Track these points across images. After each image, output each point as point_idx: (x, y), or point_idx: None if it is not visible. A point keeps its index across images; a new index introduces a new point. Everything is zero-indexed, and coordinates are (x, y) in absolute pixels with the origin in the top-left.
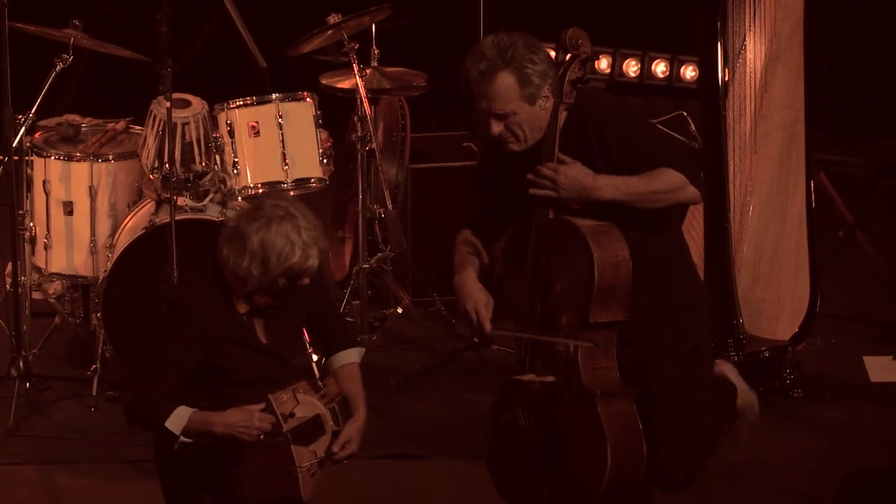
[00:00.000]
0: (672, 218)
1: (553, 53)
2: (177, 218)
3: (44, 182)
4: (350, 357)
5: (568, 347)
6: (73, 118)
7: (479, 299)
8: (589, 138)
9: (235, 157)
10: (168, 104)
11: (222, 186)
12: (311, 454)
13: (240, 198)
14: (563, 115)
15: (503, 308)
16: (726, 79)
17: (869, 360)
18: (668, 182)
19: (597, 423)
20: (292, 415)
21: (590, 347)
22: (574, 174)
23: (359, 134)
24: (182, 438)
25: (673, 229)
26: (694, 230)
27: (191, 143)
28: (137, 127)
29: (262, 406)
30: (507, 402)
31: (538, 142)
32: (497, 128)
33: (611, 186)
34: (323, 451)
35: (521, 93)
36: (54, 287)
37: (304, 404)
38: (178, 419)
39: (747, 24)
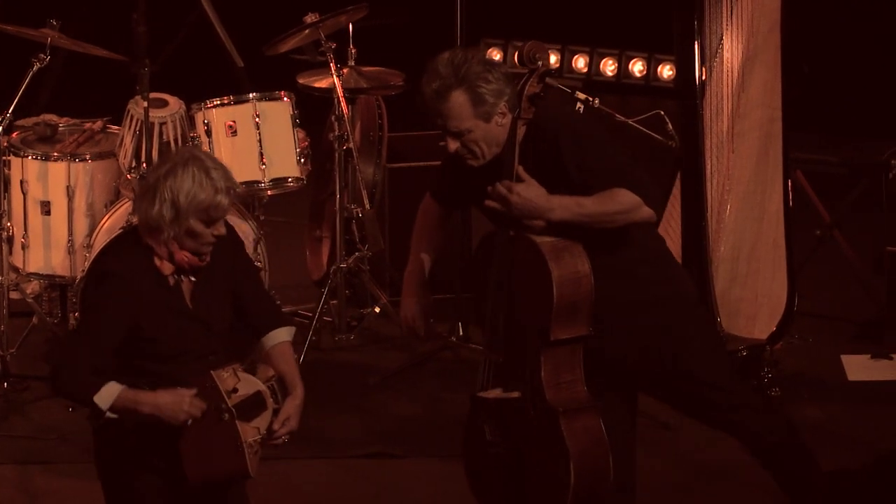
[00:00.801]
0: (640, 232)
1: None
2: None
3: (21, 182)
4: (280, 336)
5: (535, 367)
6: (51, 118)
7: (413, 312)
8: (546, 154)
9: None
10: (145, 104)
11: None
12: (254, 430)
13: None
14: (521, 130)
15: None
16: (703, 78)
17: (846, 359)
18: (622, 203)
19: (560, 441)
20: (235, 390)
21: (553, 367)
22: (527, 195)
23: (336, 133)
24: (109, 414)
25: (636, 235)
26: (671, 229)
27: (168, 142)
28: (115, 127)
29: (194, 391)
30: (474, 417)
31: (497, 155)
32: (453, 145)
33: (563, 208)
34: (265, 429)
35: (475, 111)
36: (32, 287)
37: (245, 381)
38: (108, 395)
39: (724, 23)
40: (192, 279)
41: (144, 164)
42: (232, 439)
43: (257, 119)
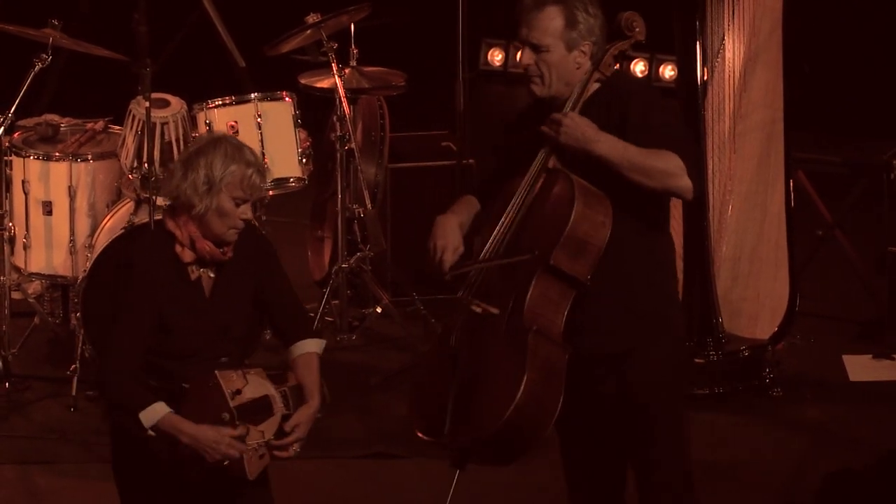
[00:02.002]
0: (663, 223)
1: None
2: (156, 218)
3: (23, 182)
4: (308, 347)
5: (523, 287)
6: (52, 118)
7: (449, 240)
8: (612, 115)
9: None
10: (147, 104)
11: None
12: (259, 434)
13: None
14: (593, 86)
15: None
16: (705, 78)
17: (848, 359)
18: (666, 162)
19: (521, 356)
20: (239, 392)
21: (541, 295)
22: (580, 121)
23: (338, 133)
24: (149, 432)
25: (661, 235)
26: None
27: (170, 142)
28: (116, 127)
29: (237, 433)
30: (450, 319)
31: (557, 103)
32: (528, 59)
33: (609, 143)
34: (271, 434)
35: (563, 33)
36: (33, 287)
37: (253, 384)
38: (153, 414)
39: (726, 23)
40: (212, 275)
41: (146, 165)
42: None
43: (259, 119)
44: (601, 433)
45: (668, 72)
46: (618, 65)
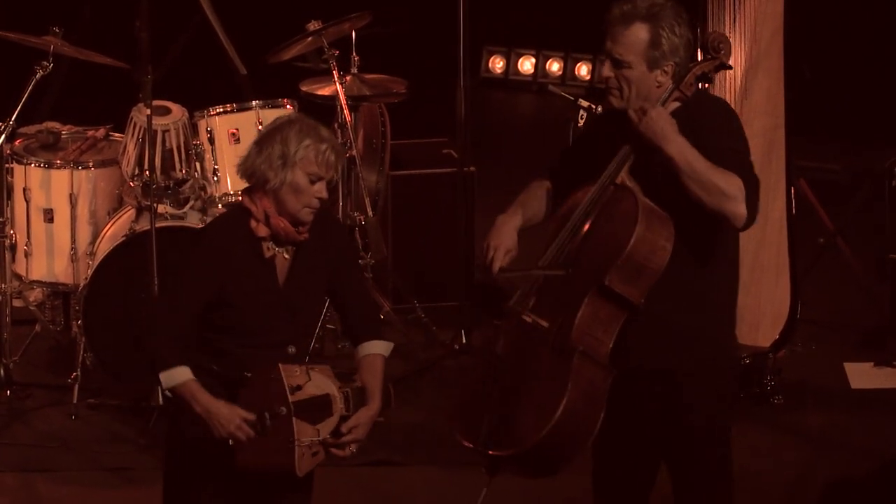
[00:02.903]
0: (726, 247)
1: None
2: (157, 225)
3: (24, 189)
4: (375, 348)
5: (575, 304)
6: (54, 125)
7: (503, 241)
8: (687, 135)
9: (216, 164)
10: (148, 111)
11: (202, 194)
12: (314, 431)
13: (220, 205)
14: (672, 104)
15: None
16: (705, 85)
17: (849, 367)
18: (728, 184)
19: (564, 376)
20: (299, 388)
21: (591, 315)
22: (664, 116)
23: (339, 141)
24: (166, 392)
25: (722, 259)
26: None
27: (171, 150)
28: (117, 134)
29: (252, 416)
30: (497, 327)
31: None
32: (608, 71)
33: (681, 147)
34: (328, 433)
35: (646, 51)
36: (35, 294)
37: (316, 382)
38: (174, 377)
39: (727, 30)
40: (287, 256)
41: (147, 172)
42: (285, 435)
43: (260, 126)
44: (636, 447)
45: None
46: (702, 84)
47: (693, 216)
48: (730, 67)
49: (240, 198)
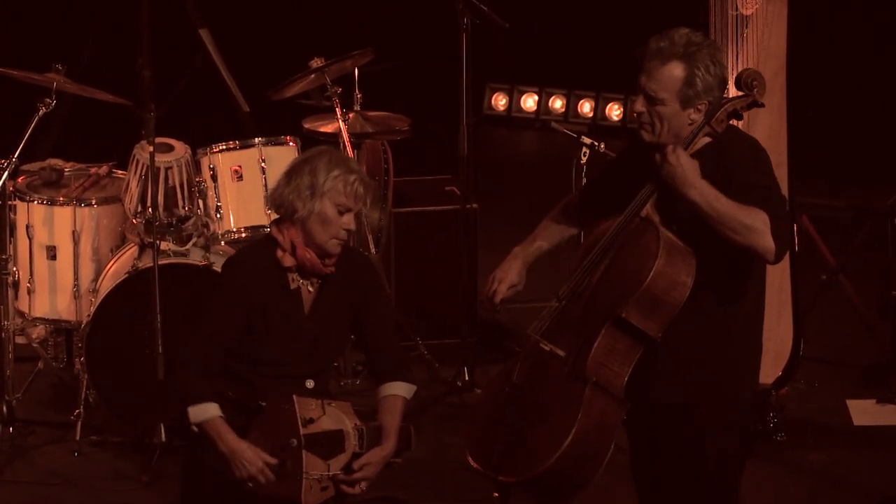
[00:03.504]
0: (752, 284)
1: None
2: (160, 262)
3: (27, 226)
4: (397, 389)
5: (592, 335)
6: (56, 162)
7: (508, 276)
8: (717, 170)
9: (218, 201)
10: (151, 148)
11: (205, 231)
12: (324, 466)
13: (223, 242)
14: (703, 140)
15: None
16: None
17: (852, 404)
18: (753, 220)
19: (576, 405)
20: (312, 421)
21: (608, 346)
22: (686, 161)
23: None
24: (193, 427)
25: (746, 295)
26: None
27: (174, 187)
28: (120, 171)
29: (274, 461)
30: (514, 356)
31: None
32: (641, 106)
33: (703, 190)
34: (339, 469)
35: (680, 90)
36: (37, 331)
37: (331, 417)
38: (202, 413)
39: (729, 67)
40: (312, 289)
41: (150, 209)
42: (294, 467)
43: (263, 164)
44: (667, 481)
45: None
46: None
47: (720, 251)
48: (762, 105)
49: (241, 235)
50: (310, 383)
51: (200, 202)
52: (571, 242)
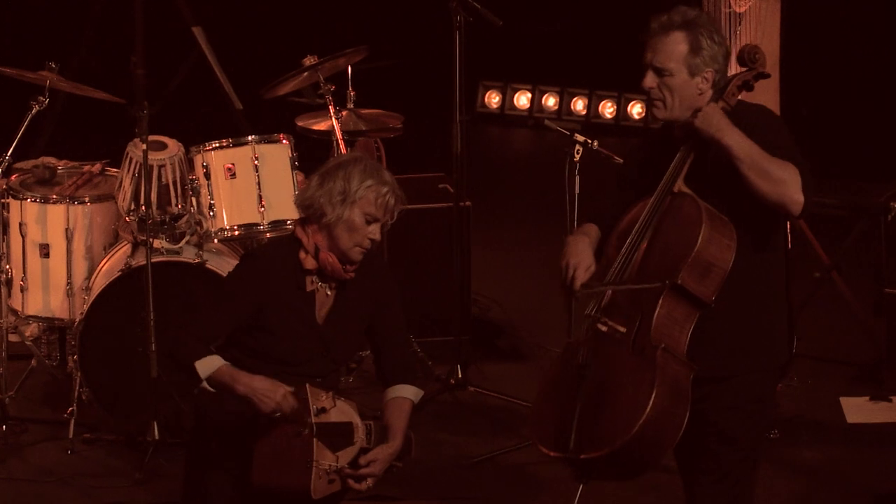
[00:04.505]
0: (777, 251)
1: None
2: (153, 260)
3: (20, 224)
4: (405, 392)
5: (651, 306)
6: (50, 160)
7: (582, 259)
8: None
9: (211, 199)
10: (144, 146)
11: (198, 228)
12: (333, 458)
13: (216, 240)
14: None
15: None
16: None
17: (845, 401)
18: (785, 171)
19: (650, 372)
20: (324, 410)
21: (667, 315)
22: (717, 111)
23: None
24: (204, 384)
25: (774, 263)
26: None
27: (167, 185)
28: (113, 169)
29: (292, 389)
30: (576, 336)
31: (680, 132)
32: (651, 82)
33: (737, 137)
34: (346, 462)
35: (686, 57)
36: (31, 329)
37: (340, 409)
38: (209, 365)
39: None
40: (329, 293)
41: (143, 207)
42: (304, 455)
43: (256, 161)
44: (704, 449)
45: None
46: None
47: (747, 223)
48: (768, 75)
49: (234, 233)
50: (318, 381)
51: (194, 200)
52: None
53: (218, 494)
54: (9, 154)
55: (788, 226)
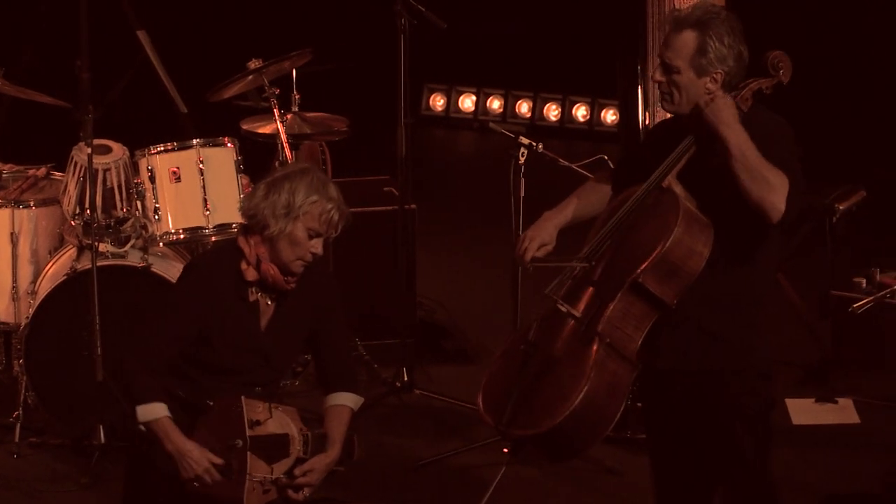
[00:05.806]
0: (762, 255)
1: None
2: (98, 264)
3: None
4: (345, 399)
5: (608, 298)
6: None
7: (540, 234)
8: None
9: (157, 202)
10: (89, 150)
11: (143, 232)
12: (267, 469)
13: (161, 243)
14: None
15: None
16: (647, 122)
17: (791, 403)
18: (774, 177)
19: (587, 364)
20: (259, 423)
21: (623, 310)
22: (729, 103)
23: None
24: (140, 427)
25: (757, 266)
26: None
27: (112, 189)
28: (58, 173)
29: (221, 462)
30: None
31: (688, 122)
32: (660, 76)
33: (738, 135)
34: (282, 473)
35: (693, 58)
36: None
37: (277, 420)
38: (150, 413)
39: None
40: (270, 303)
41: (88, 211)
42: (238, 467)
43: (201, 165)
44: (686, 453)
45: (609, 116)
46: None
47: (738, 226)
48: (785, 86)
49: (179, 236)
50: (258, 389)
51: (139, 204)
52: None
53: (158, 497)
54: None
55: None
